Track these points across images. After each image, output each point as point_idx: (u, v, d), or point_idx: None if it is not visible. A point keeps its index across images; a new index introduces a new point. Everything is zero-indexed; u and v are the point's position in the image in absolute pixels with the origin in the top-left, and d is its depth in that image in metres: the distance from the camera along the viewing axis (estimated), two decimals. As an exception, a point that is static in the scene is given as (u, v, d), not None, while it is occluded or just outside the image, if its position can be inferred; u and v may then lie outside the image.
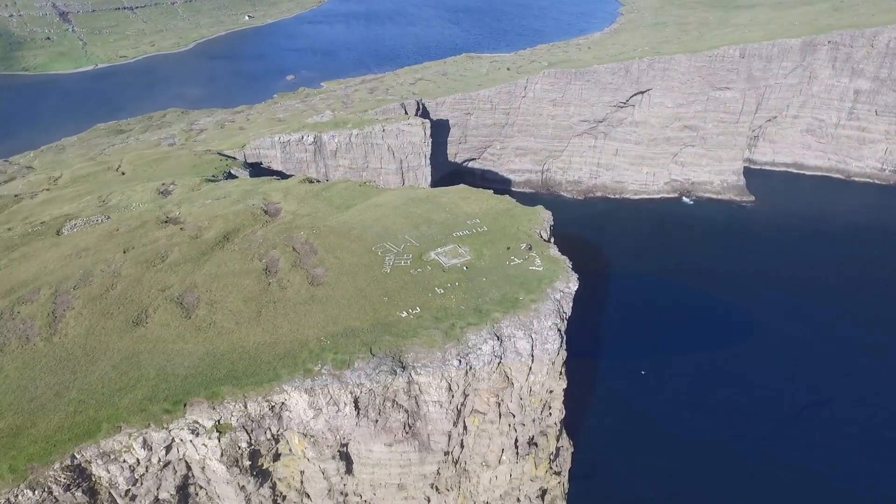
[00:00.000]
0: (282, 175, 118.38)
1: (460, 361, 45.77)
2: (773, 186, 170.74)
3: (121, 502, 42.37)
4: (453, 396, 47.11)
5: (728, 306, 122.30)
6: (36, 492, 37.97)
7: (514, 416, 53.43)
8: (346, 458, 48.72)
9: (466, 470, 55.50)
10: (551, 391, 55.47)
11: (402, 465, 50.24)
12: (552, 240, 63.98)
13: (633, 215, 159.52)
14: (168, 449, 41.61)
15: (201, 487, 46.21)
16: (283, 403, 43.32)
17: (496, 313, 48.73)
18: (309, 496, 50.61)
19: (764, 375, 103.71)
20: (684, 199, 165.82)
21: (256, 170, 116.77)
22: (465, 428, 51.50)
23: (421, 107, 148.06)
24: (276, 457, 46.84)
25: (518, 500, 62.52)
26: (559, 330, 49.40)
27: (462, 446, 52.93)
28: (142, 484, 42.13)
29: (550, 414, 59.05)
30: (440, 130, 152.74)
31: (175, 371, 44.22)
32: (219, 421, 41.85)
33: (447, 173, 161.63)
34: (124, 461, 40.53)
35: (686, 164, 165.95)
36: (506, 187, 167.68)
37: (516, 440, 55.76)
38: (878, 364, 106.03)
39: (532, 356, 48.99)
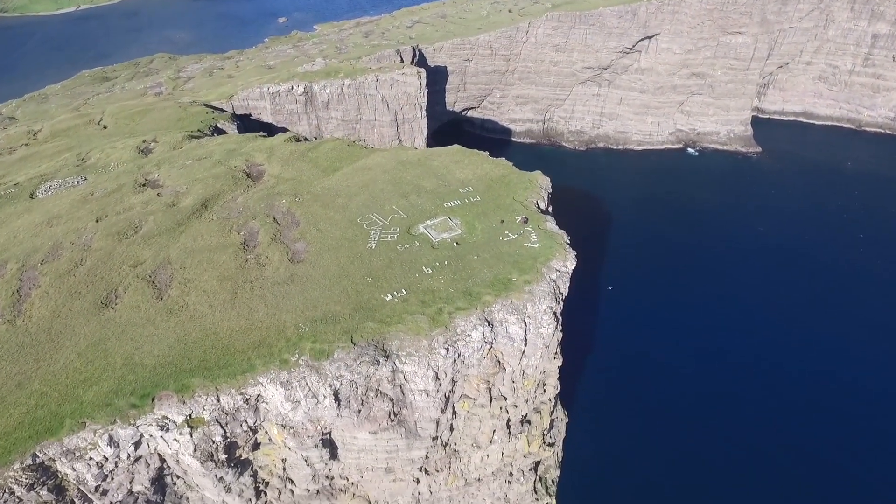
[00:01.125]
0: (271, 128, 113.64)
1: (448, 350, 42.83)
2: (781, 137, 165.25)
3: (91, 497, 40.41)
4: (441, 384, 44.51)
5: (730, 262, 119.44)
6: (-4, 494, 35.86)
7: (505, 399, 51.09)
8: (329, 444, 46.55)
9: (456, 451, 53.59)
10: (545, 371, 53.05)
11: (388, 450, 48.16)
12: (550, 209, 60.29)
13: (636, 167, 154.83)
14: (137, 445, 39.24)
15: (178, 477, 44.26)
16: (258, 396, 40.73)
17: (487, 296, 45.49)
18: (293, 482, 48.82)
19: (768, 330, 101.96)
20: (689, 150, 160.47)
21: (245, 122, 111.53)
22: (454, 413, 49.18)
23: (417, 53, 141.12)
24: (256, 446, 44.64)
25: (511, 473, 61.10)
26: (554, 313, 46.34)
27: (451, 430, 50.79)
28: (112, 479, 39.99)
29: (545, 391, 56.83)
30: (438, 78, 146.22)
31: (143, 360, 41.42)
32: (190, 415, 39.30)
33: (445, 122, 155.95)
34: (90, 458, 38.19)
35: (692, 114, 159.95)
36: (506, 137, 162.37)
37: (508, 421, 53.66)
38: (881, 316, 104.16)
39: (525, 341, 46.12)
